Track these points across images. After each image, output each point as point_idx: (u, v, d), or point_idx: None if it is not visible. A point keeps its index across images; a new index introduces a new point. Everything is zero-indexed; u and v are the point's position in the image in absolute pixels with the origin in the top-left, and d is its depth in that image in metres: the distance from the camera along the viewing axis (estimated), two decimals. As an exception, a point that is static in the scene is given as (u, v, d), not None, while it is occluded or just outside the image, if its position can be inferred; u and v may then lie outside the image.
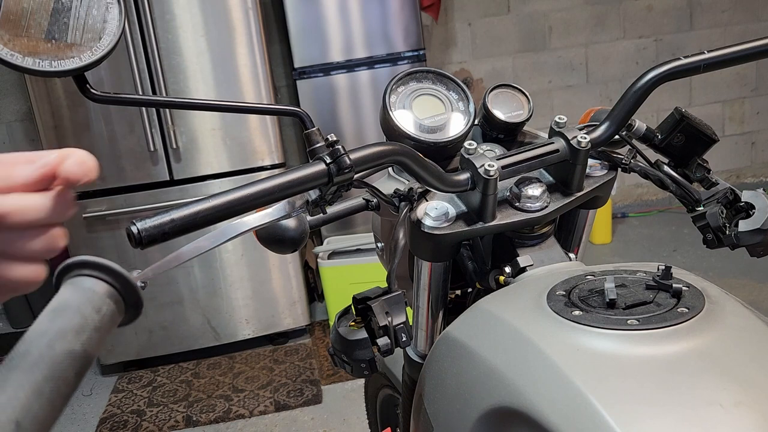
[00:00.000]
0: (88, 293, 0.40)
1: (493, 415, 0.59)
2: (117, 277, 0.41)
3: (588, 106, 0.88)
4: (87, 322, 0.39)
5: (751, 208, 0.76)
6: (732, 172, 4.23)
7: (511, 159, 0.76)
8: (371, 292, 0.74)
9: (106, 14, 0.59)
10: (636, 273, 0.66)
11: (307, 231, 0.83)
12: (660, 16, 3.94)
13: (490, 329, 0.65)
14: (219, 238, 0.63)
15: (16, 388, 0.35)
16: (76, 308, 0.39)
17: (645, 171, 0.81)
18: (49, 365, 0.36)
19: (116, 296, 0.41)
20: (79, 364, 0.38)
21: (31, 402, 0.35)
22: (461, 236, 0.76)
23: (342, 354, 0.74)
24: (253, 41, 2.73)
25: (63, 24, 0.57)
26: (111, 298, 0.41)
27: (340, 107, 3.22)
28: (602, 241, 3.72)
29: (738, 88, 4.10)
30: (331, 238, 3.12)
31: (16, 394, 0.34)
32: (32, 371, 0.36)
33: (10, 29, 0.55)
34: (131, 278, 0.42)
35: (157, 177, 2.77)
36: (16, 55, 0.55)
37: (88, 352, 0.38)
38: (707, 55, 0.75)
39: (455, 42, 3.81)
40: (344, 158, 0.62)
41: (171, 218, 0.55)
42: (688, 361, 0.54)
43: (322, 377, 2.76)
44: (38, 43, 0.56)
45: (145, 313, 2.15)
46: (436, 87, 0.82)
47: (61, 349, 0.37)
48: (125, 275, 0.41)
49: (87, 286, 0.40)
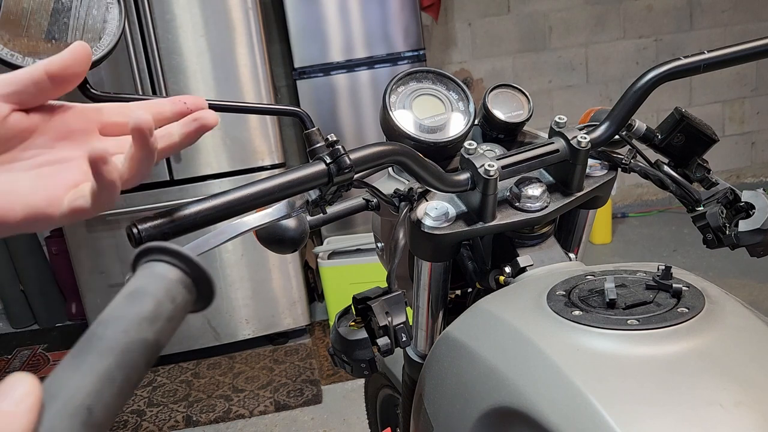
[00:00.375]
0: (165, 281, 0.39)
1: (493, 415, 0.59)
2: (193, 268, 0.40)
3: (588, 106, 0.88)
4: (162, 311, 0.38)
5: (751, 208, 0.76)
6: (732, 172, 4.23)
7: (511, 159, 0.76)
8: (371, 292, 0.74)
9: (106, 14, 0.59)
10: (636, 273, 0.66)
11: (307, 231, 0.83)
12: (660, 16, 3.95)
13: (490, 329, 0.65)
14: (219, 238, 0.63)
15: (89, 372, 0.34)
16: (153, 295, 0.38)
17: (645, 171, 0.81)
18: (123, 352, 0.35)
19: (191, 286, 0.41)
20: (150, 353, 0.37)
21: (103, 388, 0.33)
22: (461, 236, 0.76)
23: (342, 354, 0.74)
24: (253, 41, 2.73)
25: (63, 24, 0.57)
26: (186, 287, 0.40)
27: (340, 107, 3.22)
28: (602, 241, 3.73)
29: (738, 88, 4.10)
30: (331, 238, 3.12)
31: (90, 379, 0.33)
32: (106, 357, 0.35)
33: (10, 29, 0.55)
34: (206, 269, 0.41)
35: (157, 177, 2.77)
36: (16, 55, 0.55)
37: (160, 342, 0.38)
38: (707, 55, 0.75)
39: (455, 42, 3.81)
40: (344, 158, 0.62)
41: (171, 218, 0.55)
42: (688, 361, 0.53)
43: (322, 377, 2.76)
44: (38, 43, 0.56)
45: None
46: (436, 87, 0.82)
47: (136, 337, 0.36)
48: (201, 266, 0.41)
49: (163, 273, 0.39)
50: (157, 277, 0.39)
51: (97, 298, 2.84)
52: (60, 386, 0.33)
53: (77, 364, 0.34)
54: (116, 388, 0.34)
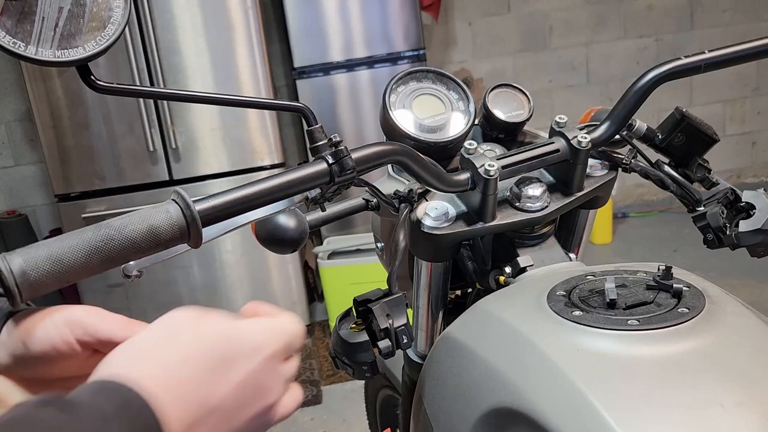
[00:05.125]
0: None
1: (494, 415, 0.59)
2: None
3: (588, 106, 0.88)
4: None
5: (751, 209, 0.75)
6: (733, 172, 4.23)
7: (511, 159, 0.75)
8: (372, 294, 0.73)
9: (111, 2, 0.58)
10: (636, 273, 0.66)
11: (306, 231, 0.83)
12: (661, 16, 3.94)
13: (490, 329, 0.65)
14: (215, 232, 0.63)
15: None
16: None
17: (645, 171, 0.81)
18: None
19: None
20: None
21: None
22: (461, 236, 0.76)
23: (343, 356, 0.74)
24: (252, 41, 2.73)
25: (68, 12, 0.56)
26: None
27: (340, 107, 3.22)
28: (603, 241, 3.72)
29: (739, 88, 4.10)
30: (330, 238, 3.12)
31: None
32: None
33: (13, 17, 0.54)
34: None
35: (157, 177, 2.77)
36: (18, 43, 0.54)
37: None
38: (708, 55, 0.75)
39: (455, 41, 3.81)
40: (347, 160, 0.62)
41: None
42: (689, 361, 0.53)
43: (322, 378, 2.76)
44: (42, 31, 0.55)
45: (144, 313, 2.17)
46: (436, 87, 0.82)
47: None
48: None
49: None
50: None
51: (96, 298, 2.84)
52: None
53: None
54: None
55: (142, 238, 0.52)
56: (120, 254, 0.51)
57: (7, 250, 0.48)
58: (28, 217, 3.45)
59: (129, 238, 0.52)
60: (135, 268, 0.66)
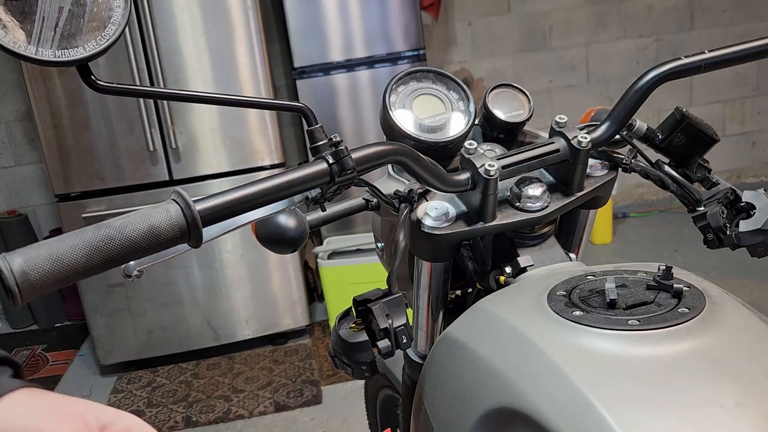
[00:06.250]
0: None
1: (494, 415, 0.59)
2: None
3: (588, 106, 0.88)
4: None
5: (751, 209, 0.75)
6: (733, 172, 4.23)
7: (511, 159, 0.75)
8: (372, 294, 0.73)
9: (111, 2, 0.58)
10: (637, 273, 0.66)
11: (306, 231, 0.83)
12: (660, 16, 3.94)
13: (490, 329, 0.65)
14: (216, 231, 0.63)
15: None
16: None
17: (646, 171, 0.81)
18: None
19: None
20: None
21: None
22: (461, 236, 0.76)
23: (343, 356, 0.74)
24: (252, 41, 2.72)
25: (68, 12, 0.56)
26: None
27: (340, 107, 3.21)
28: (603, 241, 3.72)
29: (739, 88, 4.10)
30: (330, 238, 3.11)
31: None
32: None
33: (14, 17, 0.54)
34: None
35: (157, 177, 2.77)
36: (19, 42, 0.54)
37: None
38: (708, 55, 0.75)
39: (455, 41, 3.81)
40: (347, 160, 0.62)
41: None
42: (689, 361, 0.53)
43: (322, 378, 2.76)
44: (42, 31, 0.55)
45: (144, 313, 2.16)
46: (437, 86, 0.82)
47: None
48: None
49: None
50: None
51: (96, 298, 2.84)
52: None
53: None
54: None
55: (143, 238, 0.52)
56: (120, 254, 0.51)
57: (7, 250, 0.48)
58: (28, 217, 3.46)
59: (129, 238, 0.52)
60: (135, 268, 0.66)
